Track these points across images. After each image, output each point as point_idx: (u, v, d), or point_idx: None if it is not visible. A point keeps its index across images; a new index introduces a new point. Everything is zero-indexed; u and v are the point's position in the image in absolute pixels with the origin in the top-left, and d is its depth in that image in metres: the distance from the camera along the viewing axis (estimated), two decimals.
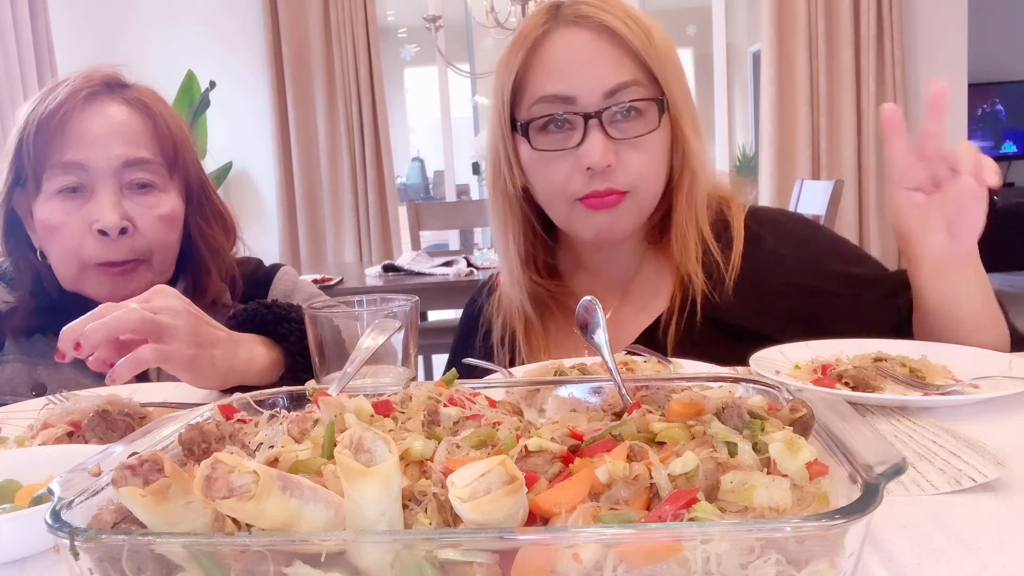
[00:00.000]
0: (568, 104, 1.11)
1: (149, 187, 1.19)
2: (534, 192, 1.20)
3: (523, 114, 1.15)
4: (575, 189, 1.13)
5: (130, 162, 1.17)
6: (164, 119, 1.23)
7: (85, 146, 1.15)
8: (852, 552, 0.42)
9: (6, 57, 3.94)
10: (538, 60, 1.14)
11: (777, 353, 1.04)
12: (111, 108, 1.19)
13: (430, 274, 3.16)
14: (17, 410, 0.98)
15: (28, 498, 0.67)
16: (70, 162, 1.14)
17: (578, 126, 1.11)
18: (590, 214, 1.14)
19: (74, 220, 1.15)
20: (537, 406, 0.75)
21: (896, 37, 4.47)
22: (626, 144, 1.11)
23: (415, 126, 8.20)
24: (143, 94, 1.24)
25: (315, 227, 4.91)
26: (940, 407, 0.87)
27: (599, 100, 1.10)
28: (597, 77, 1.10)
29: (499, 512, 0.42)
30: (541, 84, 1.13)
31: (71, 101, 1.15)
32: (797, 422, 0.56)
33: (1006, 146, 7.01)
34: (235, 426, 0.63)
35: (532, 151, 1.15)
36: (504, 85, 1.16)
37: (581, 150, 1.10)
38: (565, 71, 1.12)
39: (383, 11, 5.86)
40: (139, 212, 1.18)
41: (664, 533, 0.41)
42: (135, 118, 1.20)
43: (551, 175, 1.14)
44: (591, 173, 1.11)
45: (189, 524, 0.44)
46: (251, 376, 1.04)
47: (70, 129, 1.14)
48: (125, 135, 1.18)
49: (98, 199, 1.15)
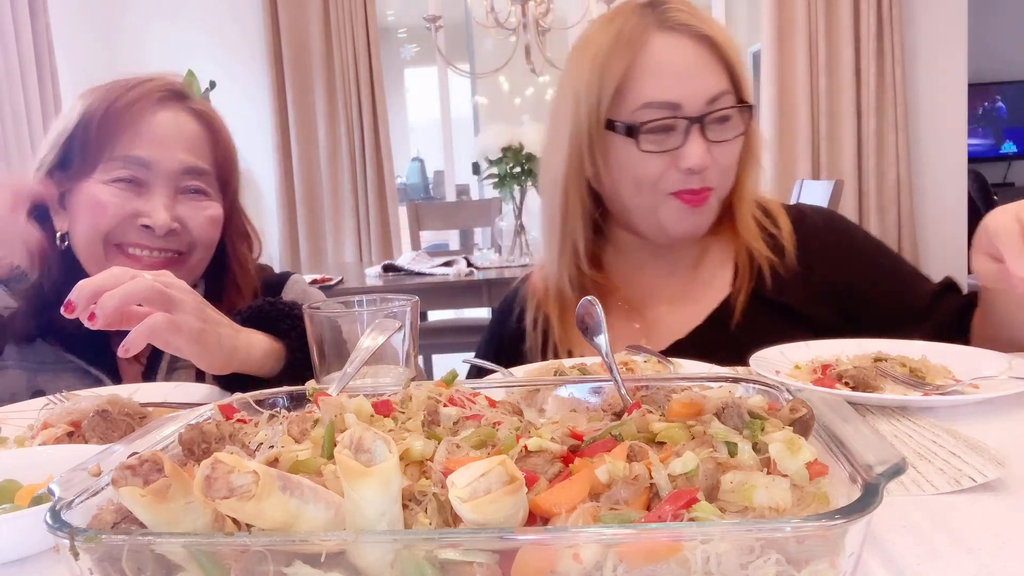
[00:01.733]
0: (674, 110, 1.16)
1: (201, 193, 1.24)
2: (611, 186, 1.25)
3: (625, 116, 1.19)
4: (668, 184, 1.19)
5: (191, 169, 1.22)
6: (224, 136, 1.30)
7: (152, 145, 1.18)
8: (852, 552, 0.42)
9: (6, 57, 3.94)
10: (642, 65, 1.17)
11: (777, 353, 1.04)
12: (180, 115, 1.24)
13: (430, 274, 3.16)
14: (17, 410, 0.98)
15: (28, 498, 0.67)
16: (134, 157, 1.18)
17: (679, 129, 1.17)
18: (685, 211, 1.20)
19: (122, 206, 1.17)
20: (537, 406, 0.75)
21: (896, 37, 4.47)
22: (718, 145, 1.18)
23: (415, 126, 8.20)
24: (208, 109, 1.29)
25: (315, 227, 4.91)
26: (940, 407, 0.87)
27: (702, 107, 1.16)
28: (701, 85, 1.16)
29: (499, 512, 0.42)
30: (647, 90, 1.17)
31: (145, 101, 1.20)
32: (797, 422, 0.56)
33: (1006, 146, 7.01)
34: (235, 426, 0.63)
35: (634, 151, 1.18)
36: (605, 85, 1.18)
37: (683, 152, 1.16)
38: (671, 78, 1.17)
39: (383, 11, 5.86)
40: (189, 214, 1.22)
41: (664, 533, 0.41)
42: (201, 130, 1.25)
43: (646, 171, 1.19)
44: (689, 172, 1.17)
45: (189, 524, 0.44)
46: (253, 361, 1.04)
47: (140, 126, 1.18)
48: (190, 143, 1.23)
49: (152, 198, 1.18)
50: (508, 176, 3.33)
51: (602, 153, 1.22)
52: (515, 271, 3.21)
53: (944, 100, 4.61)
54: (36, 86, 4.10)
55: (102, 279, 0.92)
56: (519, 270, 3.22)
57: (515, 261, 3.42)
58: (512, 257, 3.46)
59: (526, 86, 7.06)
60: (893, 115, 4.49)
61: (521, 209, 3.46)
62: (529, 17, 3.42)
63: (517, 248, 3.47)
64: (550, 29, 3.56)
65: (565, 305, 1.31)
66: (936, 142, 4.63)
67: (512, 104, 7.27)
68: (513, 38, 3.50)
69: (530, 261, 3.39)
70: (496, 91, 7.20)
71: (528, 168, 3.32)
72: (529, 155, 3.29)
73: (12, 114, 3.98)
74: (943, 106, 4.61)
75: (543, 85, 6.93)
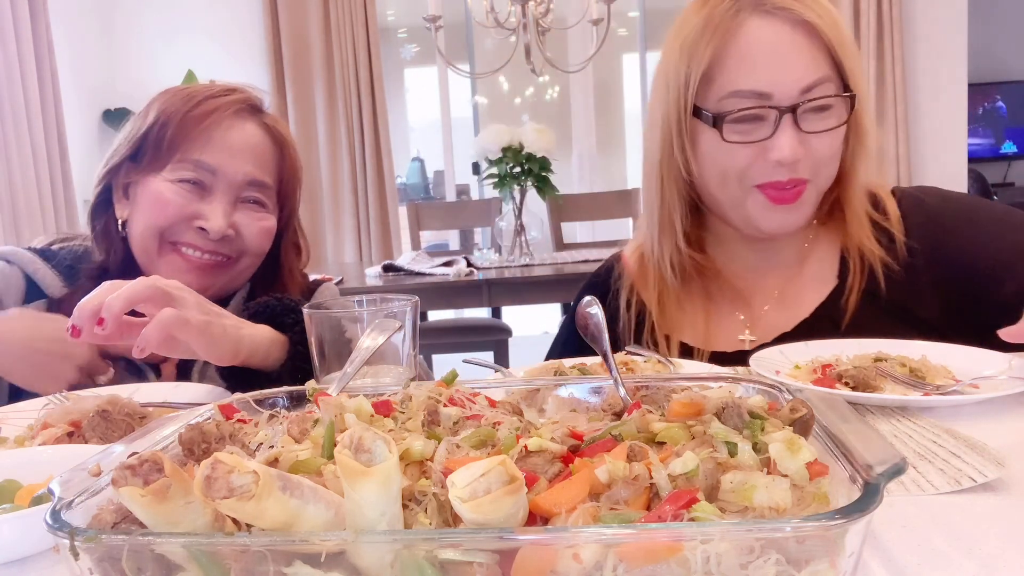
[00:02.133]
0: (763, 99, 1.10)
1: (259, 204, 1.29)
2: (703, 177, 1.20)
3: (712, 104, 1.14)
4: (755, 176, 1.13)
5: (254, 182, 1.27)
6: (292, 153, 1.35)
7: (222, 154, 1.24)
8: (852, 552, 0.42)
9: (6, 57, 3.94)
10: (732, 51, 1.12)
11: (777, 353, 1.04)
12: (254, 129, 1.29)
13: (430, 274, 3.16)
14: (17, 410, 0.98)
15: (28, 498, 0.67)
16: (204, 162, 1.23)
17: (770, 119, 1.10)
18: (770, 208, 1.15)
19: (183, 205, 1.21)
20: (537, 406, 0.75)
21: (896, 37, 4.47)
22: (814, 136, 1.11)
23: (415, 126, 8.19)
24: (279, 124, 1.34)
25: (315, 227, 4.90)
26: (940, 407, 0.87)
27: (795, 96, 1.10)
28: (794, 73, 1.09)
29: (499, 512, 0.42)
30: (735, 77, 1.11)
31: (223, 111, 1.25)
32: (797, 422, 0.56)
33: (1006, 146, 7.00)
34: (235, 426, 0.63)
35: (718, 140, 1.13)
36: (692, 71, 1.14)
37: (772, 143, 1.10)
38: (761, 66, 1.10)
39: (383, 11, 5.86)
40: (246, 222, 1.26)
41: (664, 533, 0.41)
42: (269, 145, 1.30)
43: (733, 162, 1.14)
44: (778, 164, 1.10)
45: (189, 524, 0.44)
46: (259, 351, 1.06)
47: (215, 135, 1.24)
48: (258, 156, 1.28)
49: (213, 203, 1.23)
50: (508, 176, 3.33)
51: (690, 141, 1.17)
52: (515, 271, 3.21)
53: (944, 100, 4.61)
54: (36, 86, 4.10)
55: (98, 293, 0.94)
56: (519, 270, 3.22)
57: (515, 261, 3.42)
58: (512, 257, 3.46)
59: (526, 86, 7.06)
60: (893, 115, 4.49)
61: (521, 209, 3.46)
62: (529, 17, 3.42)
63: (517, 248, 3.47)
64: (550, 29, 3.56)
65: (665, 289, 1.28)
66: (936, 142, 4.64)
67: (512, 104, 7.27)
68: (513, 38, 3.50)
69: (530, 261, 3.39)
70: (496, 91, 7.20)
71: (528, 168, 3.32)
72: (529, 155, 3.29)
73: (12, 114, 3.98)
74: (943, 106, 4.61)
75: (543, 85, 6.93)
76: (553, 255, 3.68)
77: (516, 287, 3.15)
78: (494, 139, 3.29)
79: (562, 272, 3.12)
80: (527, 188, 3.41)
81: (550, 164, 3.36)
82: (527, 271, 3.19)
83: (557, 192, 3.49)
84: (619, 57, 6.75)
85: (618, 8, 3.66)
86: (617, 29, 5.93)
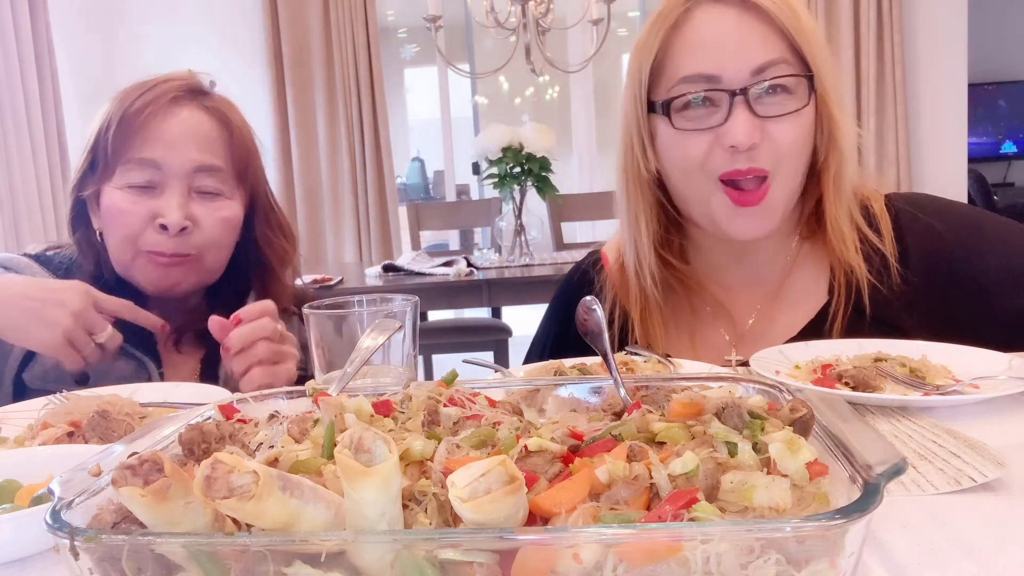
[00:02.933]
0: (712, 83, 1.08)
1: (216, 192, 1.25)
2: (668, 176, 1.17)
3: (662, 94, 1.12)
4: (714, 166, 1.09)
5: (202, 168, 1.22)
6: (240, 130, 1.29)
7: (163, 146, 1.20)
8: (852, 552, 0.42)
9: (6, 57, 3.94)
10: (680, 40, 1.11)
11: (777, 353, 1.04)
12: (192, 114, 1.24)
13: (430, 274, 3.16)
14: (17, 410, 0.98)
15: (28, 498, 0.67)
16: (146, 159, 1.20)
17: (722, 104, 1.07)
18: (734, 211, 1.10)
19: (139, 210, 1.19)
20: (537, 406, 0.75)
21: (896, 37, 4.47)
22: (772, 122, 1.07)
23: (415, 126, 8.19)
24: (222, 104, 1.29)
25: (315, 227, 4.90)
26: (940, 407, 0.87)
27: (746, 78, 1.07)
28: (744, 54, 1.07)
29: (499, 512, 0.42)
30: (683, 63, 1.10)
31: (157, 103, 1.21)
32: (797, 422, 0.56)
33: (1006, 146, 7.01)
34: (235, 426, 0.63)
35: (671, 130, 1.11)
36: (642, 66, 1.13)
37: (725, 128, 1.07)
38: (710, 49, 1.08)
39: (383, 11, 5.85)
40: (203, 213, 1.23)
41: (664, 533, 0.41)
42: (212, 126, 1.25)
43: (690, 154, 1.10)
44: (734, 152, 1.07)
45: (189, 524, 0.44)
46: None
47: (151, 128, 1.20)
48: (201, 141, 1.23)
49: (167, 197, 1.20)
50: (508, 176, 3.33)
51: (648, 137, 1.15)
52: (515, 271, 3.21)
53: (944, 100, 4.61)
54: (36, 86, 4.10)
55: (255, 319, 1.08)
56: (519, 270, 3.22)
57: (515, 261, 3.42)
58: (512, 257, 3.46)
59: (526, 86, 7.07)
60: (893, 115, 4.49)
61: (521, 209, 3.45)
62: (529, 17, 3.42)
63: (517, 248, 3.47)
64: (550, 29, 3.56)
65: (647, 305, 1.24)
66: (936, 142, 4.63)
67: (512, 104, 7.27)
68: (513, 38, 3.50)
69: (530, 261, 3.39)
70: (496, 91, 7.21)
71: (528, 168, 3.32)
72: (529, 155, 3.29)
73: (12, 114, 3.98)
74: (943, 106, 4.61)
75: (543, 85, 6.93)
76: (553, 255, 3.68)
77: (516, 287, 3.15)
78: (494, 139, 3.29)
79: (562, 272, 3.10)
80: (527, 188, 3.41)
81: (550, 164, 3.36)
82: (527, 271, 3.19)
83: (557, 192, 3.49)
84: (619, 57, 6.75)
85: (618, 8, 3.66)
86: (617, 29, 5.92)
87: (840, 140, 1.12)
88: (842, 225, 1.15)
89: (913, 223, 1.16)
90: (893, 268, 1.13)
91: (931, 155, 4.63)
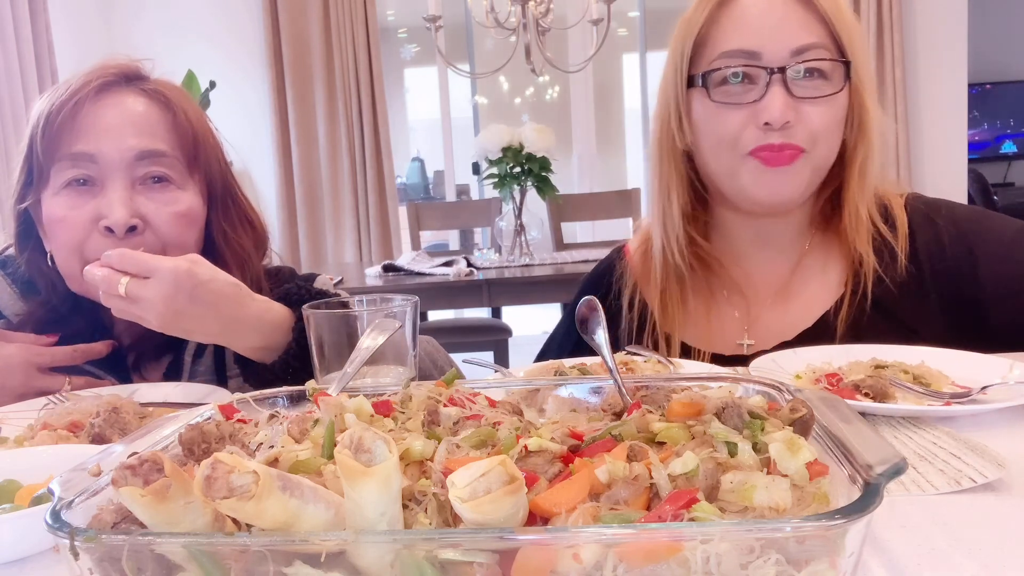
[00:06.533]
0: (752, 59, 1.11)
1: (165, 182, 1.11)
2: (700, 150, 1.19)
3: (703, 68, 1.15)
4: (747, 142, 1.11)
5: (144, 154, 1.09)
6: (185, 112, 1.15)
7: (96, 137, 1.08)
8: (852, 552, 0.42)
9: (6, 57, 3.94)
10: (724, 16, 1.14)
11: (770, 361, 1.03)
12: (126, 99, 1.12)
13: (430, 274, 3.16)
14: (17, 410, 0.98)
15: (28, 498, 0.67)
16: (79, 153, 1.07)
17: (759, 81, 1.10)
18: (762, 170, 1.12)
19: (80, 214, 1.07)
20: (537, 406, 0.75)
21: (896, 37, 4.47)
22: (806, 103, 1.10)
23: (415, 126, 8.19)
24: (162, 86, 1.17)
25: (315, 227, 4.91)
26: (960, 416, 0.84)
27: (785, 57, 1.10)
28: (785, 34, 1.10)
29: (499, 512, 0.42)
30: (726, 39, 1.13)
31: (84, 91, 1.09)
32: (797, 422, 0.56)
33: (1006, 146, 7.01)
34: (235, 426, 0.63)
35: (708, 103, 1.14)
36: (686, 40, 1.16)
37: (761, 105, 1.09)
38: (752, 27, 1.12)
39: (383, 11, 5.85)
40: (153, 208, 1.10)
41: (664, 533, 0.41)
42: (152, 110, 1.13)
43: (725, 128, 1.13)
44: (767, 129, 1.09)
45: (189, 524, 0.44)
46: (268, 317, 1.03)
47: (81, 119, 1.08)
48: (140, 126, 1.10)
49: (107, 194, 1.07)
50: (508, 176, 3.33)
51: (686, 111, 1.18)
52: (515, 271, 3.21)
53: (944, 100, 4.61)
54: (36, 86, 4.09)
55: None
56: (519, 270, 3.22)
57: (515, 261, 3.42)
58: (512, 257, 3.46)
59: (526, 86, 7.06)
60: (893, 115, 4.49)
61: (521, 209, 3.46)
62: (529, 17, 3.42)
63: (517, 248, 3.47)
64: (550, 29, 3.56)
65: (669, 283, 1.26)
66: (936, 142, 4.64)
67: (512, 104, 7.27)
68: (513, 38, 3.50)
69: (530, 261, 3.39)
70: (496, 91, 7.20)
71: (528, 168, 3.32)
72: (529, 155, 3.29)
73: (12, 114, 3.98)
74: (943, 106, 4.61)
75: (543, 85, 6.93)
76: (553, 255, 3.68)
77: (516, 287, 3.15)
78: (494, 139, 3.29)
79: (562, 272, 3.12)
80: (527, 188, 3.41)
81: (550, 164, 3.36)
82: (527, 271, 3.19)
83: (557, 192, 3.50)
84: (619, 57, 6.75)
85: (618, 8, 3.66)
86: (617, 29, 5.93)
87: (870, 131, 1.15)
88: (859, 213, 1.17)
89: (925, 223, 1.19)
90: (901, 263, 1.15)
91: (931, 155, 4.64)
